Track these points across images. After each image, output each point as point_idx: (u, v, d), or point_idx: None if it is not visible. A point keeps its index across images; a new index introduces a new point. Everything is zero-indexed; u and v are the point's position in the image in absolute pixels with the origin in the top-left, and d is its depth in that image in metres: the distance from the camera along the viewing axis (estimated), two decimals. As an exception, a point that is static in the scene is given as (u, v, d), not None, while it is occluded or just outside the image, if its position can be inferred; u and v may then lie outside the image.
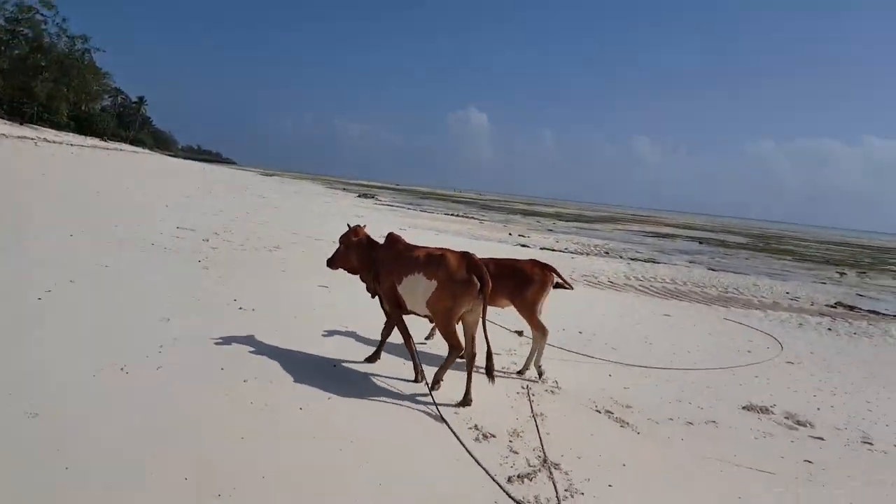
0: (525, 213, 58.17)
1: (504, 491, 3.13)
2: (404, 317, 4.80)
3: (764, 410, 5.34)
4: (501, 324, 6.90)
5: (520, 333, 6.79)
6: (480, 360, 4.38)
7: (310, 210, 22.36)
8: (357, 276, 5.11)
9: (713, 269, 21.30)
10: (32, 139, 31.34)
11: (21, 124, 46.14)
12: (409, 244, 4.82)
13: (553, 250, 21.86)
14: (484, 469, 3.33)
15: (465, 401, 4.31)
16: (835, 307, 14.31)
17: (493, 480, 3.22)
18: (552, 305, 5.72)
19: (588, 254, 22.61)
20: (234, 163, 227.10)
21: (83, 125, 66.85)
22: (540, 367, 5.24)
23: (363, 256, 4.94)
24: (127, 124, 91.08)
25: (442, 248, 4.63)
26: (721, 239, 46.05)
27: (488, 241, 22.44)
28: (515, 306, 5.30)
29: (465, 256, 4.45)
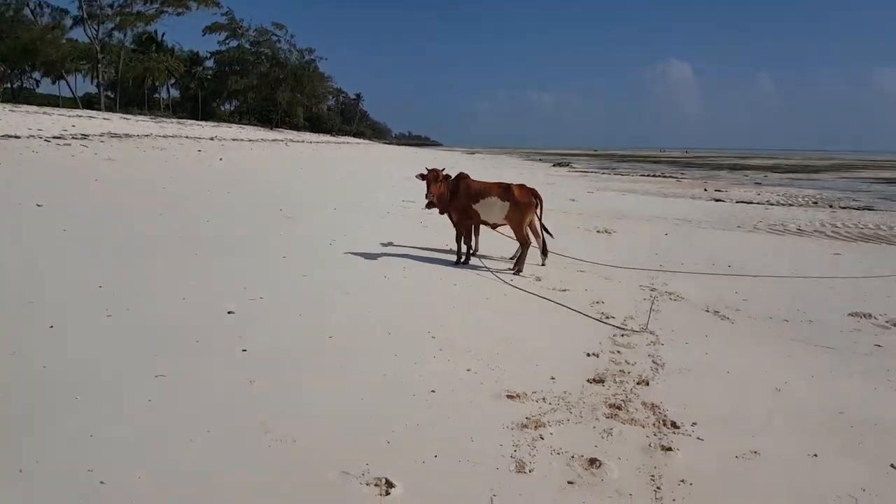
0: (734, 168, 54.82)
1: (612, 333, 5.02)
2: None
3: (867, 316, 6.11)
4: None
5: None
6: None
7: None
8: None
9: (946, 213, 19.54)
10: (283, 140, 38.09)
11: (271, 129, 55.58)
12: (475, 180, 7.37)
13: (750, 203, 21.65)
14: (590, 316, 5.26)
15: (519, 269, 7.14)
16: None
17: (593, 319, 5.13)
18: (716, 247, 7.33)
19: (791, 205, 21.91)
20: (440, 144, 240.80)
21: (315, 124, 77.46)
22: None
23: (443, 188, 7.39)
24: (349, 119, 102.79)
25: (506, 183, 7.21)
26: None
27: (679, 198, 22.84)
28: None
29: (525, 187, 7.09)
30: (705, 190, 26.91)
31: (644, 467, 2.95)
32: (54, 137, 16.74)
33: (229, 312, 4.74)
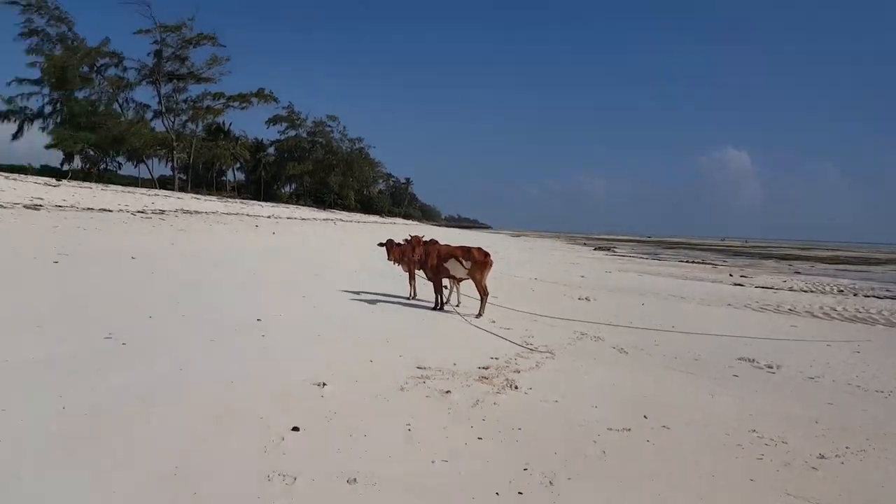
0: (784, 258, 54.77)
1: (521, 351, 6.96)
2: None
3: (751, 360, 7.68)
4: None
5: None
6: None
7: (516, 260, 26.90)
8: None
9: (970, 305, 20.18)
10: (333, 220, 42.27)
11: (324, 209, 60.73)
12: (443, 244, 9.40)
13: (770, 288, 22.81)
14: (511, 341, 7.27)
15: (480, 314, 9.05)
16: None
17: (515, 344, 7.16)
18: (676, 315, 9.34)
19: (811, 291, 22.87)
20: (489, 227, 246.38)
21: (367, 206, 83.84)
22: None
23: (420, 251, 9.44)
24: (399, 202, 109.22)
25: (467, 246, 9.23)
26: None
27: (698, 281, 24.16)
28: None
29: (481, 250, 8.96)
30: (731, 275, 28.01)
31: (476, 397, 4.98)
32: (138, 212, 20.46)
33: (258, 320, 7.11)
